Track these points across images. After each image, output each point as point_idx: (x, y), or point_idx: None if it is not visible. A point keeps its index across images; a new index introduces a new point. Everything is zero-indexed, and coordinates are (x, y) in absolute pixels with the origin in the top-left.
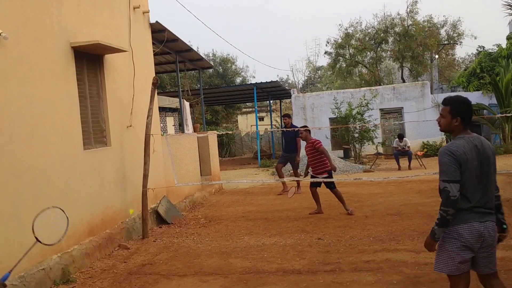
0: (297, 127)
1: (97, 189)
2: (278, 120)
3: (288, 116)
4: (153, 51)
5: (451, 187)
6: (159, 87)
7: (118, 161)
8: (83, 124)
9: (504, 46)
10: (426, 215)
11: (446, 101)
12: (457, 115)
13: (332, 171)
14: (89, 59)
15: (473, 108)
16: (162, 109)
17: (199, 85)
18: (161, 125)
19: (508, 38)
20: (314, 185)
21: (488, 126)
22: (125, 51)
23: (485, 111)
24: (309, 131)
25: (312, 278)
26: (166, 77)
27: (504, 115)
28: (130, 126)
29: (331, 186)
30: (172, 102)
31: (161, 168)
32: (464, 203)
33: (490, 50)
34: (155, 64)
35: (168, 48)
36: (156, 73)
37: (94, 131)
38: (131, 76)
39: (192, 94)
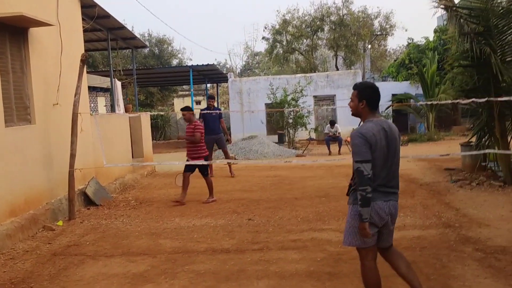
0: (220, 109)
1: (20, 168)
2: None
3: (214, 98)
4: (83, 27)
5: (364, 167)
6: (91, 66)
7: (43, 140)
8: (4, 100)
9: (431, 38)
10: None
11: (354, 86)
12: (363, 99)
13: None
14: (13, 32)
15: (400, 97)
16: (93, 89)
17: (132, 65)
18: (92, 105)
19: (435, 31)
20: (188, 170)
21: (414, 114)
22: (52, 25)
23: (412, 100)
24: (193, 112)
25: (240, 257)
26: (98, 56)
27: (425, 102)
28: (57, 104)
29: (204, 172)
30: (104, 82)
31: (89, 149)
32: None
33: (419, 42)
34: (85, 41)
35: (99, 24)
36: (86, 50)
37: (17, 108)
38: (59, 52)
39: (125, 74)
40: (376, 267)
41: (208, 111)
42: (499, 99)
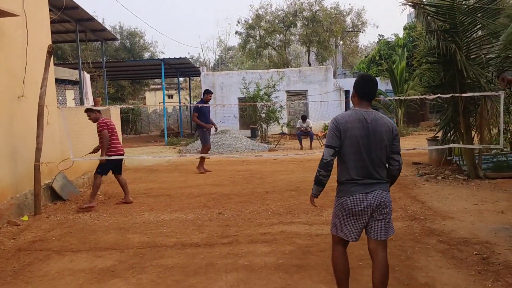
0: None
1: None
2: (188, 98)
3: (212, 92)
4: (51, 18)
5: (326, 151)
6: (59, 58)
7: (8, 133)
8: None
9: (401, 35)
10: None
11: None
12: (354, 89)
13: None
14: None
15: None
16: (61, 81)
17: (102, 58)
18: (60, 98)
19: (405, 28)
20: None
21: (384, 110)
22: (17, 15)
23: (381, 96)
24: (99, 111)
25: (209, 251)
26: (67, 48)
27: (394, 98)
28: (22, 96)
29: (118, 171)
30: (73, 74)
31: (56, 142)
32: (344, 175)
33: (389, 39)
34: (53, 32)
35: (67, 16)
36: (53, 41)
37: None
38: (25, 43)
39: (94, 66)
40: (345, 255)
41: (205, 105)
42: (464, 95)
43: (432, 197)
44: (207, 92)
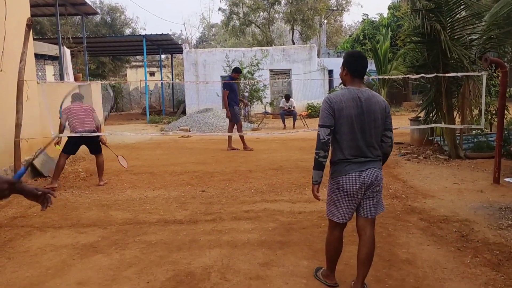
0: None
1: None
2: (170, 75)
3: (241, 72)
4: None
5: (322, 130)
6: (38, 32)
7: None
8: None
9: (385, 15)
10: (304, 169)
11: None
12: (344, 66)
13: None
14: None
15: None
16: (41, 57)
17: (82, 33)
18: (40, 73)
19: (389, 7)
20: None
21: None
22: None
23: (365, 76)
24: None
25: (193, 227)
26: (47, 22)
27: (376, 77)
28: (1, 70)
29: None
30: (52, 50)
31: (36, 118)
32: (338, 154)
33: (373, 19)
34: (32, 6)
35: None
36: (32, 15)
37: None
38: (2, 16)
39: (75, 42)
40: (341, 239)
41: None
42: (447, 75)
43: (413, 176)
44: (236, 71)
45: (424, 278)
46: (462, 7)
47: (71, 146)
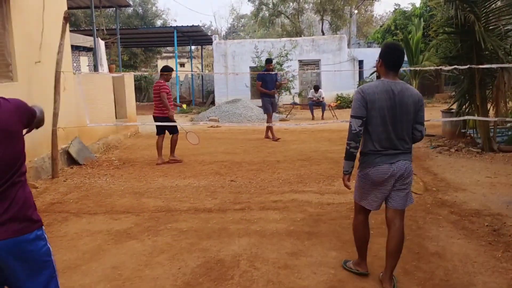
0: (276, 73)
1: None
2: (199, 66)
3: (272, 61)
4: None
5: (353, 121)
6: (73, 24)
7: (26, 97)
8: None
9: (418, 5)
10: (333, 161)
11: None
12: (380, 57)
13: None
14: None
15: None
16: (75, 48)
17: (116, 25)
18: (75, 64)
19: None
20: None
21: None
22: None
23: None
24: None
25: (222, 216)
26: (81, 14)
27: (408, 69)
28: (39, 61)
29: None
30: (87, 41)
31: (72, 108)
32: (369, 145)
33: (405, 9)
34: None
35: None
36: (68, 7)
37: None
38: (41, 9)
39: (108, 33)
40: (366, 223)
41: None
42: (481, 66)
43: (444, 169)
44: (268, 62)
45: (453, 272)
46: None
47: (158, 128)
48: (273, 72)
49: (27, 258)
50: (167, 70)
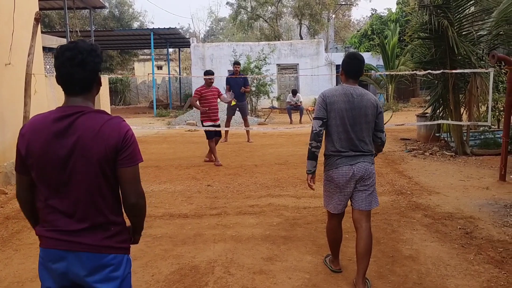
0: (245, 76)
1: None
2: (177, 69)
3: (239, 64)
4: None
5: (315, 122)
6: (46, 26)
7: None
8: None
9: (394, 10)
10: None
11: None
12: (341, 67)
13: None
14: None
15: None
16: (49, 50)
17: (90, 26)
18: (48, 66)
19: (398, 3)
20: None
21: (374, 85)
22: None
23: (372, 71)
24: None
25: (198, 221)
26: (55, 15)
27: (384, 73)
28: (9, 64)
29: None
30: (60, 43)
31: (44, 111)
32: (330, 147)
33: (382, 14)
34: None
35: None
36: (41, 8)
37: None
38: (11, 10)
39: (83, 35)
40: (339, 227)
41: (233, 76)
42: (454, 71)
43: (419, 172)
44: (234, 64)
45: (427, 275)
46: (471, 2)
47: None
48: (239, 76)
49: None
50: (205, 74)
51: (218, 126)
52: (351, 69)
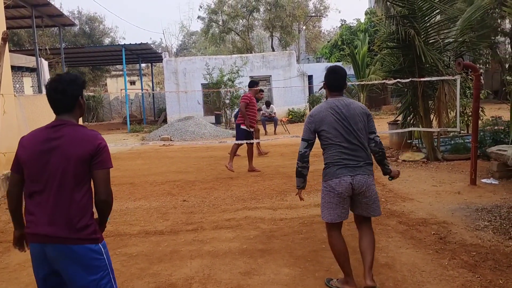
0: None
1: None
2: (150, 84)
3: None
4: (5, 3)
5: (301, 143)
6: (15, 44)
7: None
8: None
9: (362, 20)
10: (285, 176)
11: None
12: (324, 80)
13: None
14: None
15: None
16: (18, 69)
17: (60, 44)
18: (17, 85)
19: (366, 13)
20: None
21: (346, 94)
22: None
23: None
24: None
25: (174, 238)
26: (24, 34)
27: (356, 83)
28: None
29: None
30: (30, 61)
31: (14, 132)
32: (329, 158)
33: (351, 24)
34: (8, 18)
35: (22, 1)
36: (8, 27)
37: None
38: None
39: (53, 53)
40: (341, 237)
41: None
42: (422, 79)
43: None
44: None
45: (403, 282)
46: (436, 12)
47: (241, 136)
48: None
49: None
50: (256, 85)
51: (252, 133)
52: (332, 83)
